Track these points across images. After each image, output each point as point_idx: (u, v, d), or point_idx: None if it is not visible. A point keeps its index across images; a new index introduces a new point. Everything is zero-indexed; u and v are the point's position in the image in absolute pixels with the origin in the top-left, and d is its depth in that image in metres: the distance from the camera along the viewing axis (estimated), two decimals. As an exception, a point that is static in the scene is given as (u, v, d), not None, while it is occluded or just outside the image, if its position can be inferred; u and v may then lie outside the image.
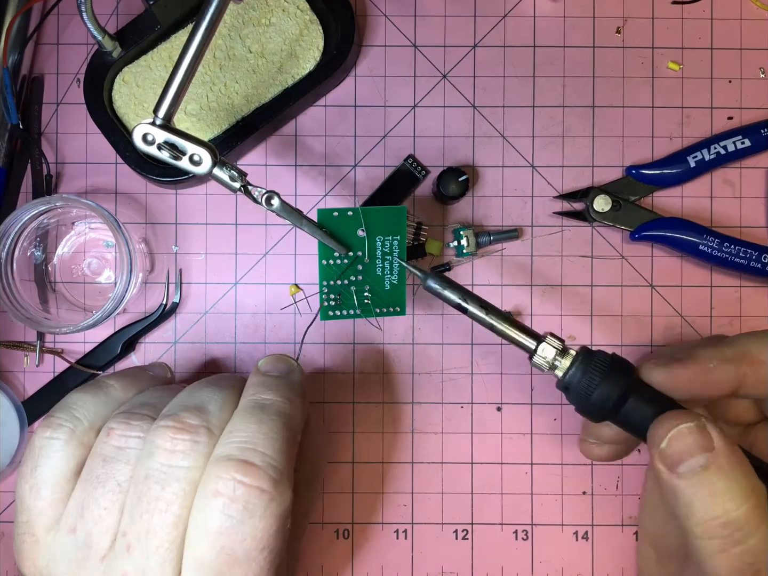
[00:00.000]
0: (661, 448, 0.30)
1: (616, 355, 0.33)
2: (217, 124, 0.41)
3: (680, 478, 0.30)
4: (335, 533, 0.43)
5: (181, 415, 0.30)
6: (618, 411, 0.32)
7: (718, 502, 0.29)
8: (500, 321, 0.33)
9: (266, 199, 0.35)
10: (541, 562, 0.43)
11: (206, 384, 0.33)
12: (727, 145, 0.42)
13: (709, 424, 0.30)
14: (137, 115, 0.41)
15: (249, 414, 0.30)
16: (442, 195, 0.41)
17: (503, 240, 0.43)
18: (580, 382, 0.32)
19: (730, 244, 0.42)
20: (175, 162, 0.34)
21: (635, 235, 0.42)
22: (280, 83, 0.41)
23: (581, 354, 0.33)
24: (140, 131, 0.34)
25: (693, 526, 0.29)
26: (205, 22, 0.34)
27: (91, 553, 0.29)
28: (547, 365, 0.33)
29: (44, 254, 0.43)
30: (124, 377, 0.35)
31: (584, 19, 0.43)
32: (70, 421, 0.31)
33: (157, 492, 0.28)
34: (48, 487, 0.30)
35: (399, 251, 0.38)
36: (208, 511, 0.28)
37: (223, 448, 0.29)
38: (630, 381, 0.32)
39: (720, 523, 0.29)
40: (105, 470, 0.30)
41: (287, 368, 0.35)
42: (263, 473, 0.28)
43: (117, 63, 0.41)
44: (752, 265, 0.42)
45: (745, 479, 0.29)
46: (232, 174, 0.34)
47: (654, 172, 0.42)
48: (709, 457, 0.29)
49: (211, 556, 0.28)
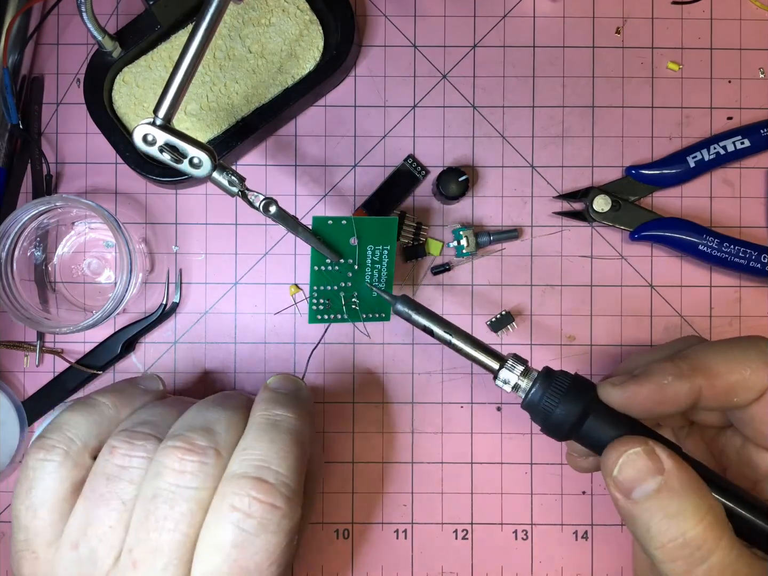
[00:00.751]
0: (613, 475, 0.30)
1: (578, 376, 0.33)
2: (217, 124, 0.41)
3: (635, 504, 0.30)
4: (335, 533, 0.43)
5: (189, 436, 0.30)
6: (579, 430, 0.32)
7: (674, 523, 0.29)
8: (465, 343, 0.34)
9: (264, 205, 0.35)
10: (540, 562, 0.43)
11: (212, 404, 0.34)
12: (726, 145, 0.42)
13: (658, 447, 0.30)
14: (137, 115, 0.41)
15: (262, 432, 0.31)
16: (442, 195, 0.41)
17: (503, 240, 0.43)
18: (540, 402, 0.32)
19: (729, 244, 0.42)
20: (175, 165, 0.34)
21: (635, 235, 0.42)
22: (280, 83, 0.41)
23: (542, 375, 0.33)
24: (140, 132, 0.34)
25: (654, 551, 0.29)
26: (205, 22, 0.34)
27: (95, 569, 0.30)
28: (509, 386, 0.33)
29: (44, 254, 0.43)
30: (116, 394, 0.35)
31: (584, 19, 0.43)
32: (64, 442, 0.32)
33: (165, 511, 0.29)
34: (45, 508, 0.31)
35: (388, 261, 0.39)
36: (223, 525, 0.29)
37: (237, 466, 0.30)
38: (589, 400, 0.32)
39: (678, 544, 0.29)
40: (109, 489, 0.30)
41: (295, 387, 0.36)
42: (276, 491, 0.29)
43: (117, 63, 0.41)
44: (752, 265, 0.42)
45: (699, 498, 0.29)
46: (231, 179, 0.35)
47: (653, 172, 0.42)
48: (660, 480, 0.29)
49: (222, 570, 0.28)
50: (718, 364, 0.32)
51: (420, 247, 0.42)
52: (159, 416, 0.33)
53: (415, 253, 0.42)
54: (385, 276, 0.40)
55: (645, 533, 0.30)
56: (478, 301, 0.43)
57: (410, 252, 0.42)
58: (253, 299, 0.43)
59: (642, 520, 0.30)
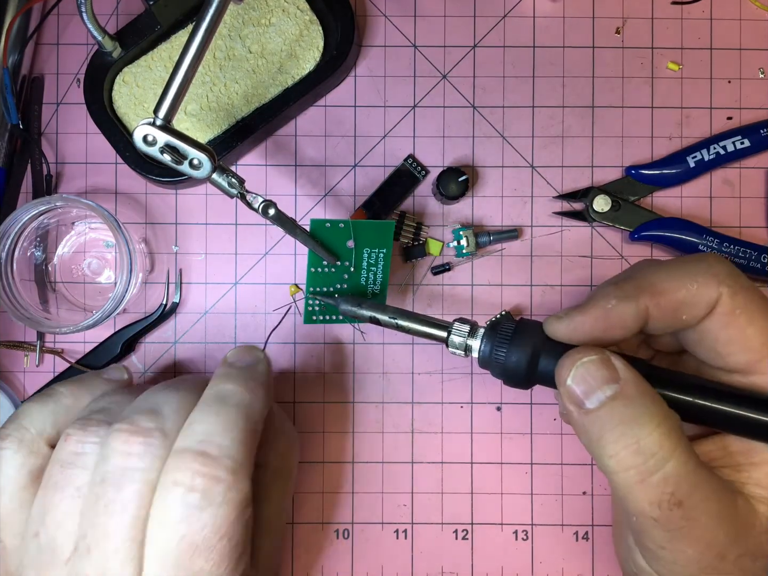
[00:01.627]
0: (567, 384, 0.29)
1: (523, 319, 0.33)
2: (217, 124, 0.41)
3: (588, 414, 0.29)
4: (335, 533, 0.43)
5: (135, 418, 0.30)
6: (537, 372, 0.32)
7: (628, 429, 0.28)
8: (411, 321, 0.35)
9: (263, 207, 0.35)
10: (541, 563, 0.43)
11: (164, 387, 0.34)
12: (726, 146, 0.42)
13: (613, 356, 0.29)
14: (137, 115, 0.41)
15: (208, 406, 0.31)
16: (442, 195, 0.41)
17: (503, 240, 0.43)
18: (491, 355, 0.32)
19: (729, 244, 0.42)
20: (176, 166, 0.34)
21: (635, 235, 0.42)
22: (280, 83, 0.41)
23: (487, 329, 0.33)
24: (141, 132, 0.34)
25: (607, 461, 0.28)
26: (205, 22, 0.34)
27: (55, 557, 0.29)
28: (461, 350, 0.33)
29: (44, 254, 0.43)
30: (75, 383, 0.35)
31: (584, 20, 0.43)
32: (18, 430, 0.32)
33: (113, 495, 0.29)
34: (5, 496, 0.31)
35: (384, 264, 0.39)
36: (169, 502, 0.28)
37: (181, 441, 0.30)
38: (537, 340, 0.32)
39: (632, 451, 0.28)
40: (63, 476, 0.30)
41: (253, 359, 0.35)
42: (219, 463, 0.29)
43: (117, 63, 0.41)
44: (752, 265, 0.42)
45: (655, 406, 0.29)
46: (231, 181, 0.35)
47: (653, 172, 0.42)
48: (615, 388, 0.29)
49: (171, 546, 0.28)
50: (663, 281, 0.31)
51: (420, 247, 0.42)
52: (115, 404, 0.33)
53: (415, 253, 0.42)
54: (380, 279, 0.40)
55: (597, 443, 0.29)
56: (478, 301, 0.43)
57: (410, 252, 0.42)
58: (253, 299, 0.43)
59: (594, 429, 0.29)
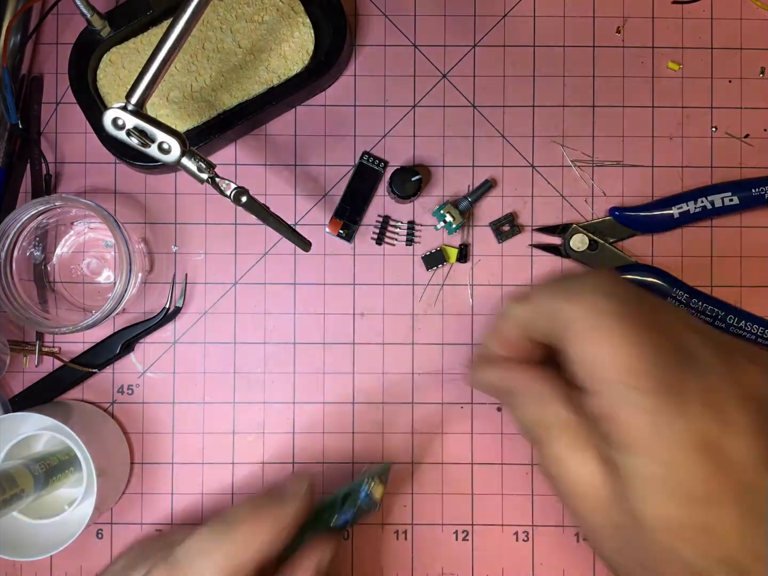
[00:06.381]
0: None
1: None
2: (198, 115, 0.41)
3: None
4: (335, 534, 0.42)
5: None
6: None
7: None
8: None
9: (235, 195, 0.35)
10: (542, 564, 0.42)
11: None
12: (714, 200, 0.41)
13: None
14: (119, 96, 0.41)
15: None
16: (396, 195, 0.41)
17: (481, 196, 0.42)
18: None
19: (698, 300, 0.41)
20: (143, 149, 0.34)
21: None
22: (266, 82, 0.41)
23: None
24: (111, 115, 0.34)
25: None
26: (186, 14, 0.34)
27: None
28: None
29: (43, 254, 0.43)
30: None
31: (584, 19, 0.43)
32: None
33: None
34: None
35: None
36: None
37: None
38: None
39: None
40: None
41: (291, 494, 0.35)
42: None
43: (105, 42, 0.40)
44: (717, 324, 0.41)
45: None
46: (200, 165, 0.34)
47: (637, 214, 0.42)
48: None
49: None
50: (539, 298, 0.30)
51: (439, 254, 0.42)
52: None
53: (435, 261, 0.42)
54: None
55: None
56: (478, 302, 0.43)
57: (430, 260, 0.42)
58: (253, 299, 0.43)
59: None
